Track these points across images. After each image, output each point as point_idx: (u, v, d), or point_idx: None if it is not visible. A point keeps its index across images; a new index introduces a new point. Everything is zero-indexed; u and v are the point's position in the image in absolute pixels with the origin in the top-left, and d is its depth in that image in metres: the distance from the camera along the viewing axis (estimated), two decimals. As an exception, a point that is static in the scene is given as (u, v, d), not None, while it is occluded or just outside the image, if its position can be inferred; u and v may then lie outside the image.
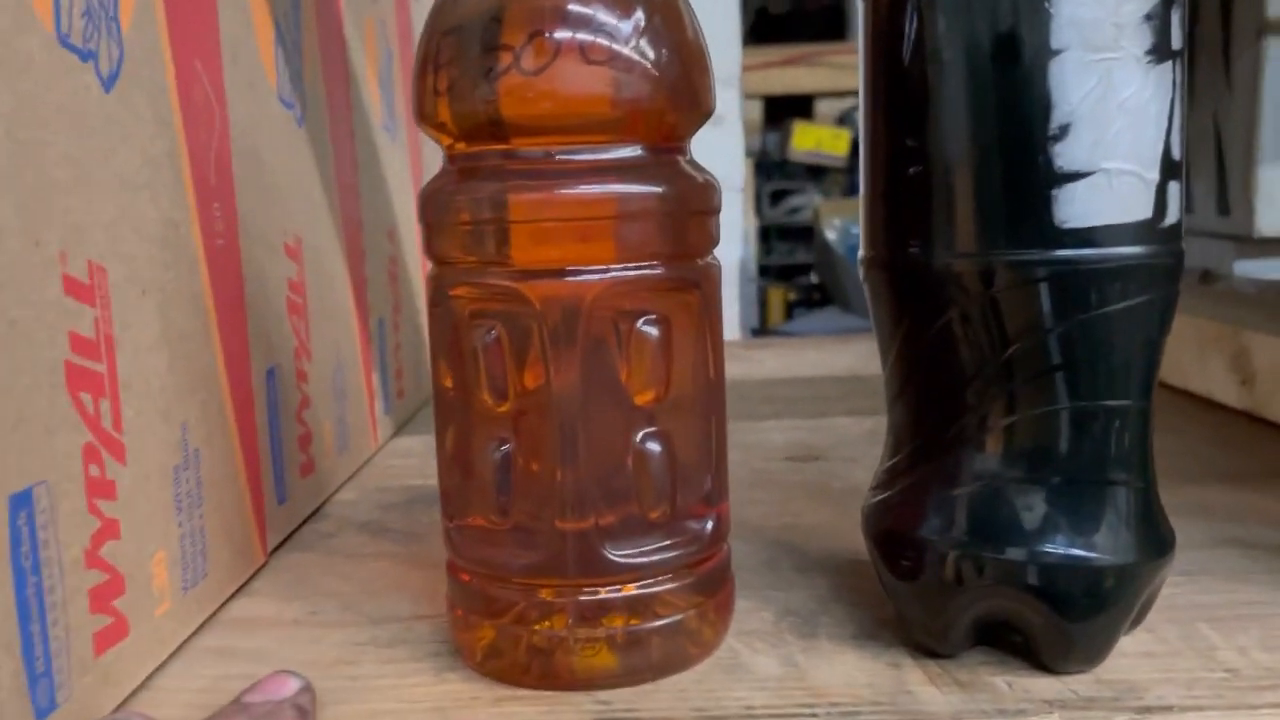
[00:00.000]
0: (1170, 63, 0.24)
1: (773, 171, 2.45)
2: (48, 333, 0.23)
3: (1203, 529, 0.35)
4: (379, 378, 0.52)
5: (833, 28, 2.84)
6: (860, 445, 0.49)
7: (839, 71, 2.42)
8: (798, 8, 3.03)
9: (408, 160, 0.59)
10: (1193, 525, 0.35)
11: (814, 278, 1.88)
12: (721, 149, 0.88)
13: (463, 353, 0.27)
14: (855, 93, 0.30)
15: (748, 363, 0.72)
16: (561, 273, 0.25)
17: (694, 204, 0.26)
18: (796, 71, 2.49)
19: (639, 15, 0.25)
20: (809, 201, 2.38)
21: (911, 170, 0.26)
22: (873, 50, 0.27)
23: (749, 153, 2.35)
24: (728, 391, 0.30)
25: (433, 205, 0.26)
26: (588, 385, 0.25)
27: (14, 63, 0.23)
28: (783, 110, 2.45)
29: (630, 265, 0.25)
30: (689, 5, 0.27)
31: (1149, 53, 0.23)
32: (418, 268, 0.60)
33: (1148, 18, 0.23)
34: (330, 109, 0.45)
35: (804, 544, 0.36)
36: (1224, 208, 1.13)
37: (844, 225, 1.82)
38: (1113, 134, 0.23)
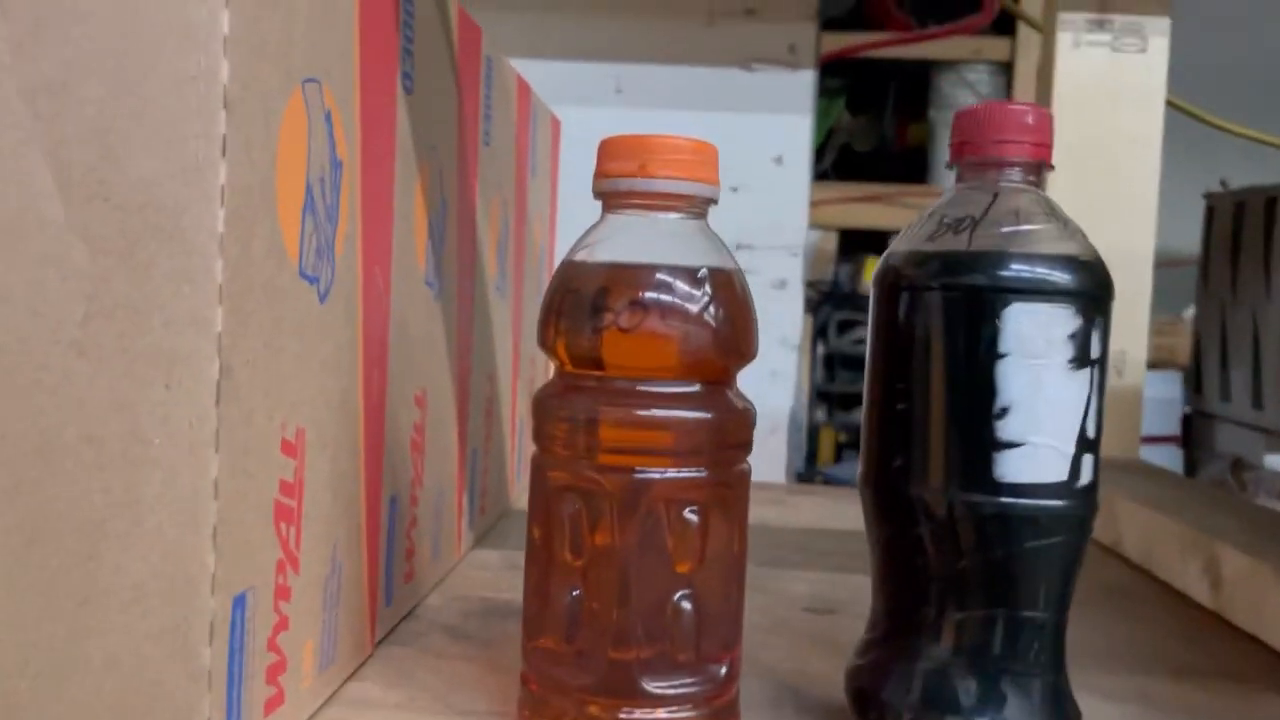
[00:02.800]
0: (1088, 368, 0.33)
1: (842, 302, 2.55)
2: (268, 480, 0.33)
3: (1133, 716, 0.42)
4: (468, 499, 0.61)
5: (914, 170, 2.95)
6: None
7: (914, 212, 2.52)
8: (881, 148, 3.17)
9: (510, 313, 0.69)
10: (1125, 712, 0.43)
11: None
12: (784, 312, 0.98)
13: (551, 517, 0.36)
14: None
15: (788, 508, 0.80)
16: (631, 470, 0.34)
17: (734, 427, 0.35)
18: (874, 208, 2.61)
19: (705, 291, 0.34)
20: (875, 335, 2.47)
21: (899, 407, 0.35)
22: (877, 315, 0.36)
23: (821, 282, 2.45)
24: (765, 536, 0.38)
25: (543, 408, 0.36)
26: (642, 552, 0.34)
27: (273, 294, 0.33)
28: (857, 243, 2.56)
29: (683, 469, 0.34)
30: (742, 277, 0.36)
31: (1071, 361, 0.32)
32: (508, 404, 0.70)
33: (1071, 336, 0.32)
34: (459, 281, 0.56)
35: (807, 689, 0.44)
36: (1258, 401, 1.20)
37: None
38: (1039, 418, 0.32)
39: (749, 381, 0.37)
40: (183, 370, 0.30)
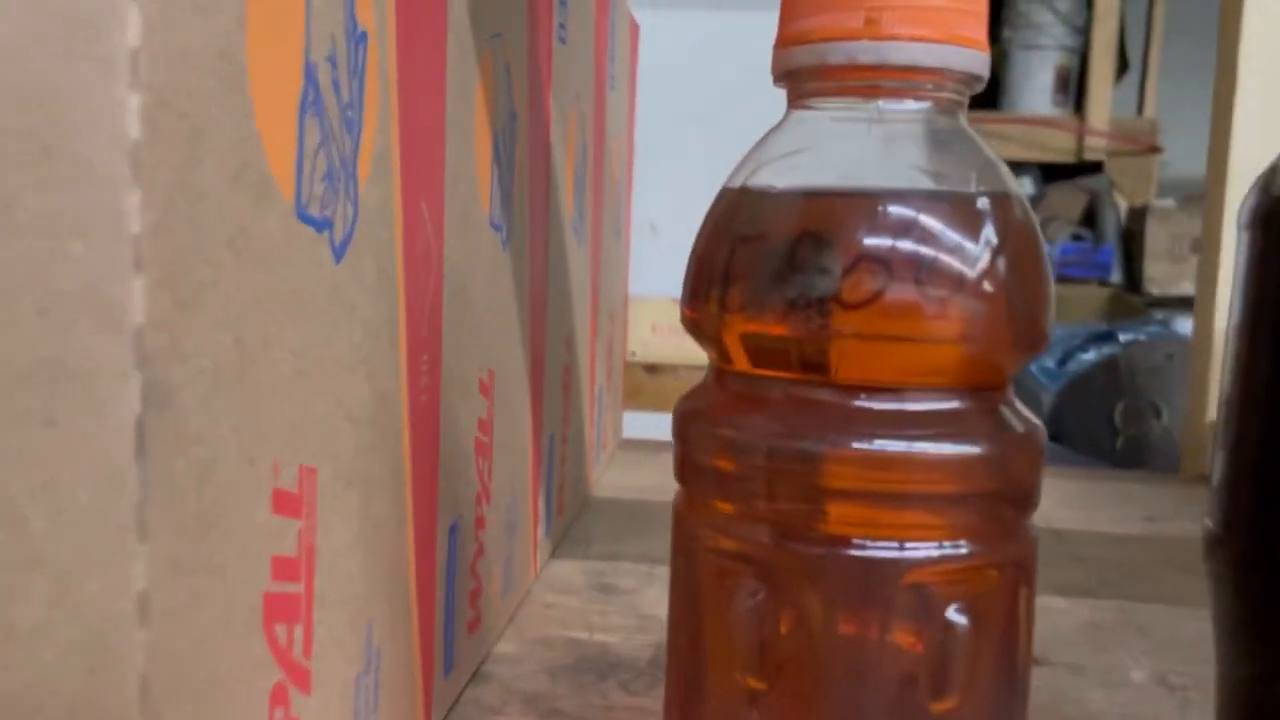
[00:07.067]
0: None
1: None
2: (251, 566, 0.20)
3: None
4: (544, 501, 0.48)
5: (987, 98, 2.77)
6: (1082, 645, 0.43)
7: (990, 141, 2.34)
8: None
9: (589, 260, 0.55)
10: None
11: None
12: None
13: (709, 608, 0.22)
14: (1009, 160, 0.25)
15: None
16: (861, 544, 0.20)
17: (1020, 468, 0.21)
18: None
19: (988, 237, 0.20)
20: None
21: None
22: (1258, 274, 0.22)
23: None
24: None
25: (704, 433, 0.22)
26: (874, 681, 0.21)
27: (252, 250, 0.19)
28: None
29: (949, 542, 0.20)
30: (1027, 209, 0.22)
31: None
32: (586, 371, 0.56)
33: None
34: (531, 221, 0.42)
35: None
36: None
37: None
38: None
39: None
40: (77, 398, 0.16)
